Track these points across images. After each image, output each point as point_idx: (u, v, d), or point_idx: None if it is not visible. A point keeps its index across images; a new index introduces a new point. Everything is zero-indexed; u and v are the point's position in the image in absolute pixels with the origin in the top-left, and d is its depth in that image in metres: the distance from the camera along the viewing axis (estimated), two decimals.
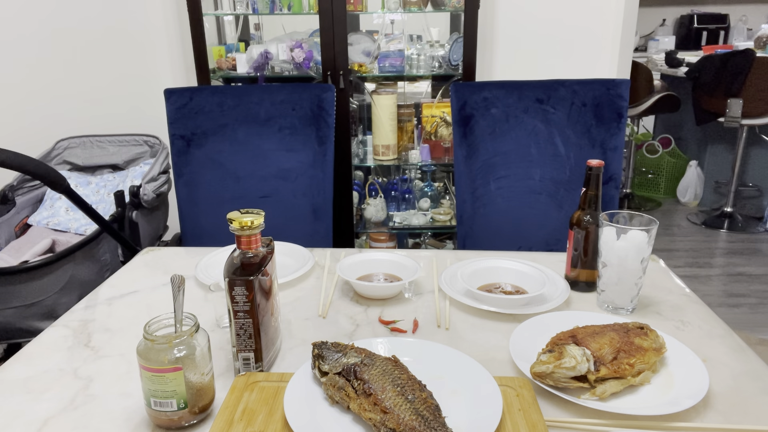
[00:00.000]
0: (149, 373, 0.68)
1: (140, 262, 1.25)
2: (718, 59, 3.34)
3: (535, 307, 0.98)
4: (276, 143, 1.63)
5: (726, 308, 2.66)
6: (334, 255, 1.25)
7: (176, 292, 0.73)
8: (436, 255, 1.24)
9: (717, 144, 4.01)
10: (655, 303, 1.02)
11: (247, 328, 0.77)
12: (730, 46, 4.09)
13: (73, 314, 1.02)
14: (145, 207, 2.04)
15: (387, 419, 0.65)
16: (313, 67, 2.37)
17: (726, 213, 3.65)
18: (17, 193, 2.17)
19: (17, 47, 2.35)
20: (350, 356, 0.74)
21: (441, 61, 2.47)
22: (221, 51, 2.46)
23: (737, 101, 3.29)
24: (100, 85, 2.56)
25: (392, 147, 2.44)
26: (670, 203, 4.10)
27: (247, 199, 1.64)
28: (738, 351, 0.87)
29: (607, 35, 2.56)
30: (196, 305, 1.04)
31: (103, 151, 2.31)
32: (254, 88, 1.64)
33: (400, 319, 0.98)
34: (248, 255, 0.78)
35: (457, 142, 1.59)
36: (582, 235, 1.03)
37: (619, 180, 1.53)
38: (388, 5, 2.34)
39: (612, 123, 1.51)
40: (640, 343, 0.79)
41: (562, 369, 0.73)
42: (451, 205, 2.59)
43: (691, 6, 4.91)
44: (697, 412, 0.73)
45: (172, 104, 1.62)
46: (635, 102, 3.68)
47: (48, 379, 0.83)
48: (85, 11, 2.46)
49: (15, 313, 1.65)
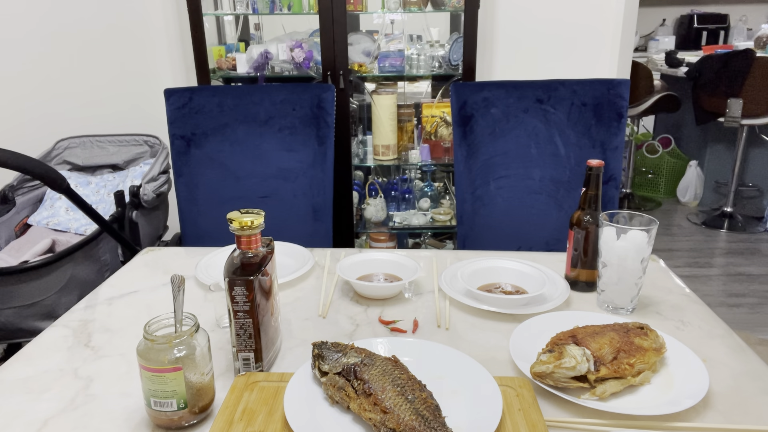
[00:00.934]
0: (149, 373, 0.68)
1: (140, 262, 1.25)
2: (718, 59, 3.34)
3: (535, 307, 0.98)
4: (276, 143, 1.63)
5: (726, 308, 2.66)
6: (334, 255, 1.25)
7: (176, 292, 0.73)
8: (436, 255, 1.24)
9: (717, 144, 4.01)
10: (655, 303, 1.02)
11: (247, 328, 0.77)
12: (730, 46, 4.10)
13: (73, 314, 1.02)
14: (145, 207, 2.04)
15: (387, 419, 0.65)
16: (313, 67, 2.37)
17: (726, 213, 3.65)
18: (17, 193, 2.17)
19: (17, 47, 2.36)
20: (350, 356, 0.74)
21: (441, 61, 2.47)
22: (221, 51, 2.46)
23: (737, 101, 3.29)
24: (100, 85, 2.56)
25: (392, 147, 2.44)
26: (670, 203, 4.10)
27: (247, 199, 1.64)
28: (738, 351, 0.87)
29: (607, 35, 2.56)
30: (196, 305, 1.04)
31: (103, 151, 2.31)
32: (254, 88, 1.64)
33: (400, 319, 0.98)
34: (248, 255, 0.78)
35: (457, 142, 1.59)
36: (582, 235, 1.03)
37: (619, 180, 1.53)
38: (388, 5, 2.34)
39: (612, 123, 1.51)
40: (640, 343, 0.79)
41: (562, 369, 0.73)
42: (451, 205, 2.59)
43: (691, 6, 4.91)
44: (697, 412, 0.73)
45: (172, 104, 1.62)
46: (635, 102, 3.68)
47: (48, 379, 0.83)
48: (85, 11, 2.46)
49: (15, 313, 1.65)
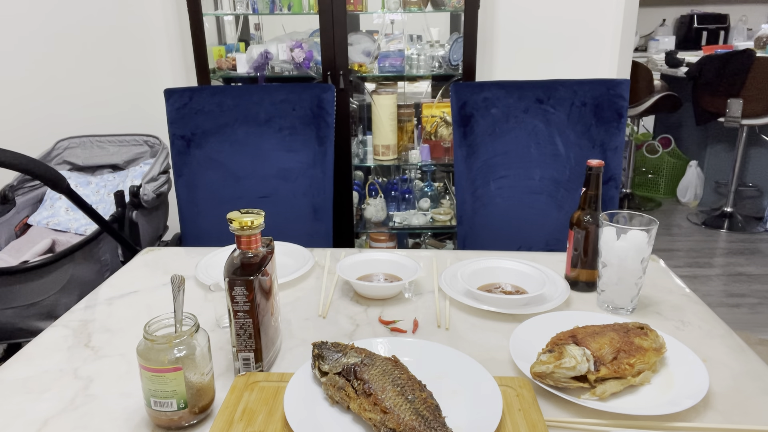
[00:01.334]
0: (149, 373, 0.68)
1: (140, 262, 1.25)
2: (718, 59, 3.34)
3: (535, 307, 0.98)
4: (276, 143, 1.63)
5: (726, 308, 2.66)
6: (334, 255, 1.25)
7: (176, 292, 0.73)
8: (436, 255, 1.24)
9: (717, 144, 4.01)
10: (655, 303, 1.02)
11: (247, 328, 0.77)
12: (730, 46, 4.09)
13: (73, 314, 1.02)
14: (145, 207, 2.04)
15: (387, 419, 0.65)
16: (313, 67, 2.37)
17: (726, 213, 3.65)
18: (17, 193, 2.17)
19: (17, 47, 2.36)
20: (350, 356, 0.74)
21: (441, 61, 2.47)
22: (221, 51, 2.46)
23: (737, 101, 3.29)
24: (101, 85, 2.56)
25: (392, 147, 2.44)
26: (670, 203, 4.10)
27: (247, 199, 1.64)
28: (738, 351, 0.87)
29: (607, 35, 2.56)
30: (196, 305, 1.04)
31: (103, 151, 2.31)
32: (254, 88, 1.64)
33: (400, 319, 0.98)
34: (248, 255, 0.78)
35: (457, 142, 1.59)
36: (582, 235, 1.03)
37: (619, 180, 1.53)
38: (388, 5, 2.34)
39: (612, 123, 1.51)
40: (640, 343, 0.79)
41: (562, 369, 0.73)
42: (451, 205, 2.59)
43: (691, 6, 4.91)
44: (697, 412, 0.73)
45: (172, 104, 1.62)
46: (635, 102, 3.68)
47: (48, 379, 0.83)
48: (85, 11, 2.45)
49: (15, 313, 1.65)
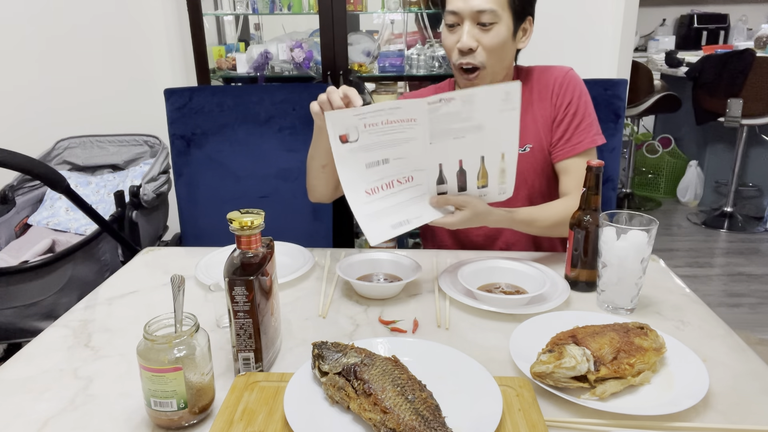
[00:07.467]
0: (149, 373, 0.68)
1: (140, 262, 1.25)
2: (718, 59, 3.34)
3: (535, 307, 0.98)
4: (276, 143, 1.63)
5: (726, 308, 2.66)
6: (334, 255, 1.25)
7: (176, 292, 0.73)
8: (436, 255, 1.24)
9: (717, 144, 4.01)
10: (655, 303, 1.02)
11: (247, 328, 0.77)
12: (730, 46, 4.10)
13: (73, 314, 1.02)
14: (145, 207, 2.04)
15: (387, 419, 0.65)
16: (313, 67, 2.37)
17: (726, 213, 3.65)
18: (17, 193, 2.17)
19: (18, 47, 2.36)
20: (350, 356, 0.74)
21: (441, 61, 2.47)
22: (221, 51, 2.46)
23: (737, 101, 3.29)
24: (100, 85, 2.55)
25: None
26: (670, 203, 4.10)
27: (247, 199, 1.64)
28: (738, 351, 0.87)
29: (607, 35, 2.55)
30: (196, 305, 1.04)
31: (103, 151, 2.31)
32: (254, 88, 1.64)
33: (400, 319, 0.98)
34: (248, 255, 0.78)
35: None
36: (582, 235, 1.03)
37: (616, 181, 1.52)
38: (388, 5, 2.34)
39: (609, 123, 1.50)
40: (640, 343, 0.79)
41: (562, 369, 0.73)
42: None
43: (691, 6, 4.91)
44: (697, 412, 0.73)
45: (172, 104, 1.62)
46: (635, 102, 3.67)
47: (48, 379, 0.83)
48: (86, 11, 2.45)
49: (15, 313, 1.65)
